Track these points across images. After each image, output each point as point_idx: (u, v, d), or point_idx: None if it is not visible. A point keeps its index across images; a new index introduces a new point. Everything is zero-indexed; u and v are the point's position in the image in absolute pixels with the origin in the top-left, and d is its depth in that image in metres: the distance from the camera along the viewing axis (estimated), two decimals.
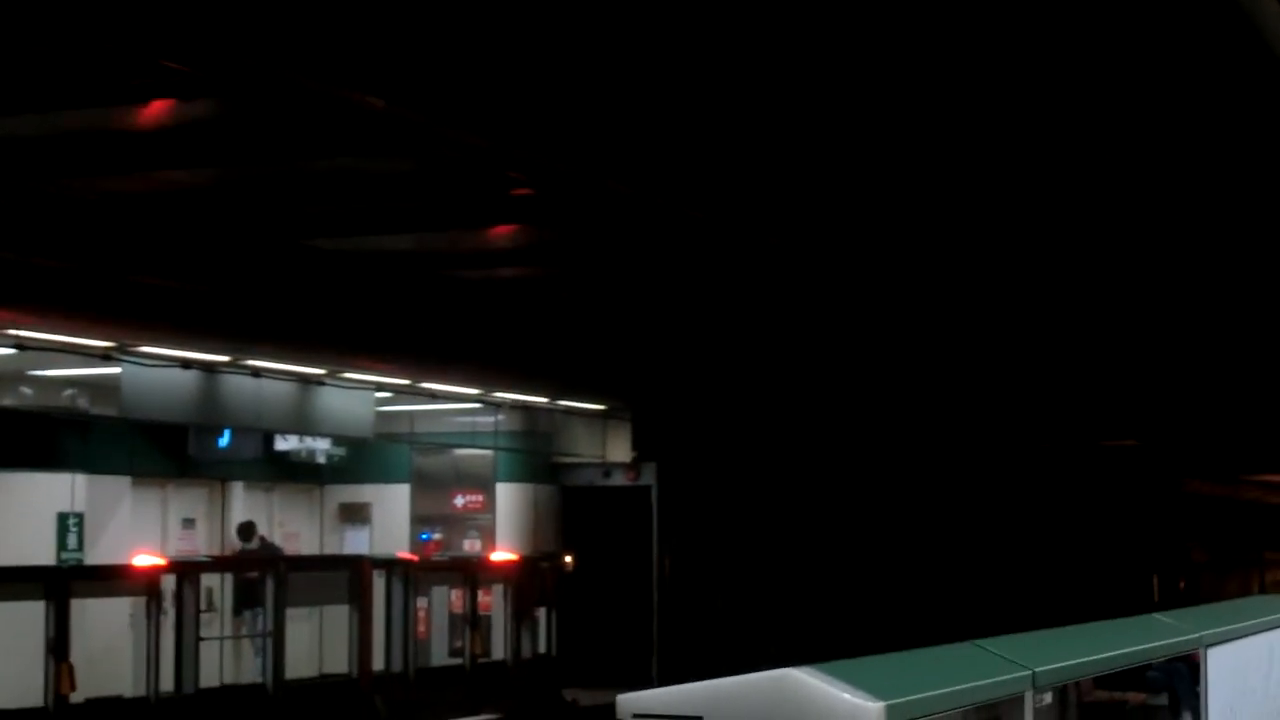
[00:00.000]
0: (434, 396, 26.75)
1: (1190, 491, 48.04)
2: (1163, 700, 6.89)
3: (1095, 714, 6.45)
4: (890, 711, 3.76)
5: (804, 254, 19.88)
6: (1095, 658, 5.47)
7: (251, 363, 22.85)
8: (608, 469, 29.90)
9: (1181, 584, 50.63)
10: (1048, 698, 4.92)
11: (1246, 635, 7.50)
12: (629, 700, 4.11)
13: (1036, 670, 4.77)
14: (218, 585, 23.38)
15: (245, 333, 20.93)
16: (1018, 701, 4.60)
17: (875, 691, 3.73)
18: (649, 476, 29.64)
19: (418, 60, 12.59)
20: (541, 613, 25.00)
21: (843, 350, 26.83)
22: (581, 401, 28.95)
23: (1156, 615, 6.68)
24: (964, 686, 4.23)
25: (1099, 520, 41.24)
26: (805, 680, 3.68)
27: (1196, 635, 6.63)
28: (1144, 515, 45.17)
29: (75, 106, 14.04)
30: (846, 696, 3.59)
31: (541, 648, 24.78)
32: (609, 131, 14.96)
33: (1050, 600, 36.82)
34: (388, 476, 28.58)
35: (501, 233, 19.85)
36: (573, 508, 29.72)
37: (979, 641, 4.82)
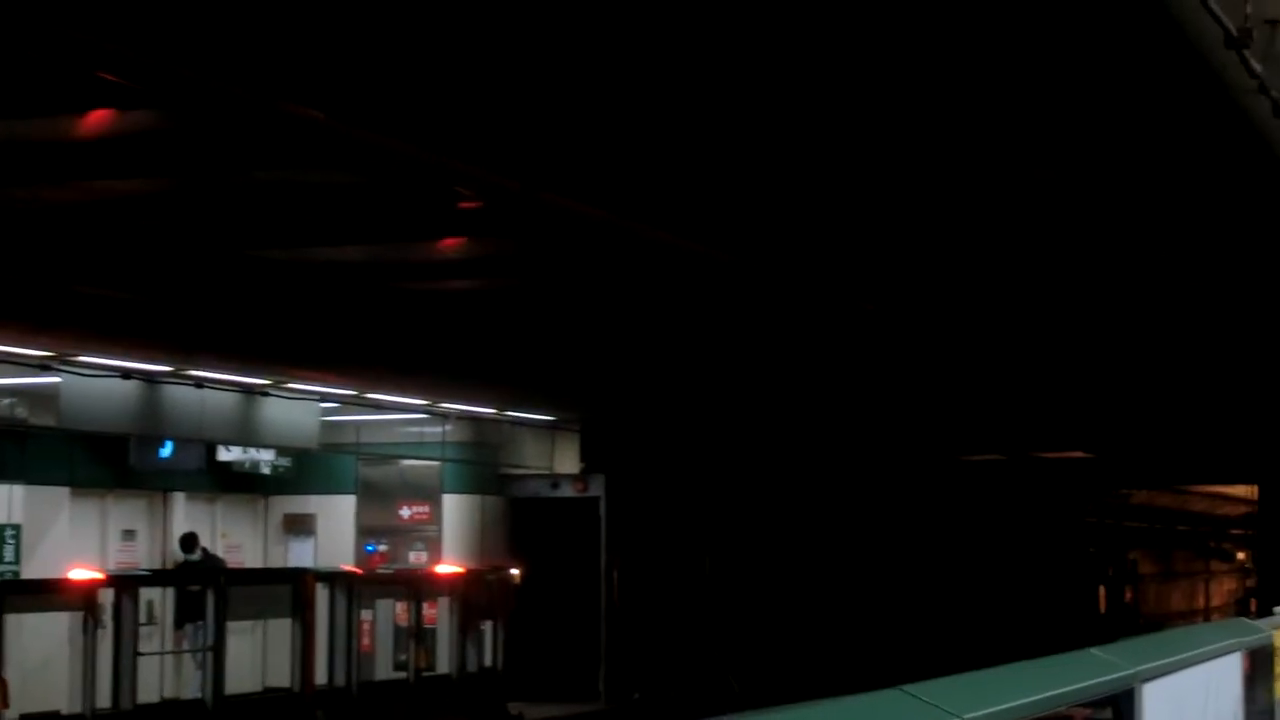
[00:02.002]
0: (380, 407, 26.61)
1: (1137, 503, 48.20)
2: (1107, 714, 6.82)
3: None
4: None
5: (754, 268, 19.83)
6: (1027, 700, 5.37)
7: (194, 373, 22.68)
8: (555, 480, 29.80)
9: (1128, 595, 50.81)
10: None
11: (1183, 668, 7.43)
12: None
13: (965, 717, 4.67)
14: (159, 598, 23.15)
15: (187, 343, 20.75)
16: None
17: None
18: (597, 488, 29.55)
19: (357, 73, 12.49)
20: (488, 625, 24.87)
21: (787, 363, 26.80)
22: (529, 413, 28.84)
23: (1091, 650, 6.59)
24: None
25: (1044, 533, 41.32)
26: None
27: (1131, 671, 6.55)
28: (1089, 527, 45.31)
29: (14, 116, 13.88)
30: None
31: (487, 661, 24.64)
32: (554, 146, 14.88)
33: (997, 614, 36.90)
34: (333, 487, 28.40)
35: (449, 245, 19.75)
36: (520, 519, 29.60)
37: (906, 687, 4.73)
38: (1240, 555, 63.19)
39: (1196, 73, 10.96)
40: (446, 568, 25.55)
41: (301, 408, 25.25)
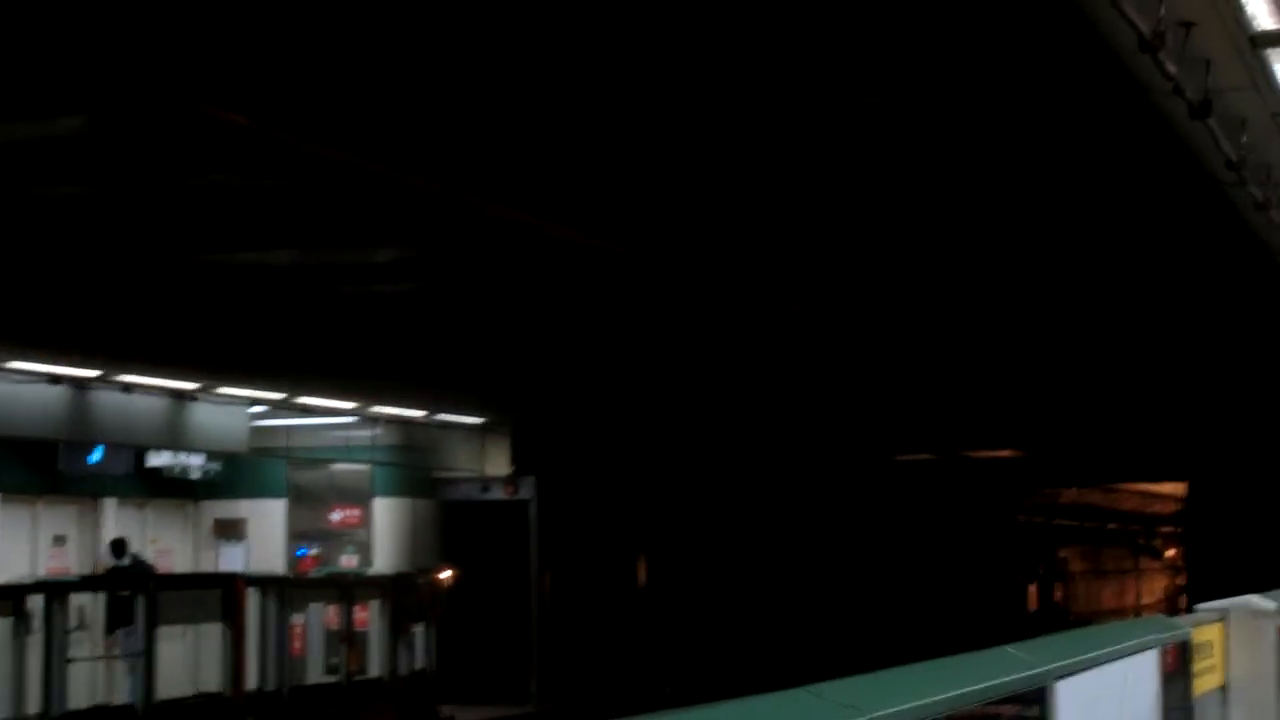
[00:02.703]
0: (310, 411, 26.53)
1: (1066, 502, 48.46)
2: (1034, 712, 6.87)
3: None
4: None
5: (682, 270, 19.89)
6: (937, 699, 5.42)
7: (123, 378, 22.57)
8: (486, 483, 29.75)
9: (1058, 593, 51.11)
10: None
11: (1098, 665, 7.50)
12: None
13: (873, 716, 4.71)
14: (89, 604, 23.00)
15: (116, 348, 20.65)
16: None
17: None
18: (527, 491, 29.52)
19: (280, 79, 12.48)
20: (419, 629, 24.81)
21: (717, 364, 26.87)
22: (459, 415, 28.81)
23: (1006, 648, 6.64)
24: None
25: (974, 531, 41.53)
26: None
27: (1045, 669, 6.61)
28: (1019, 525, 45.54)
29: None
30: None
31: (419, 664, 24.58)
32: (482, 151, 14.90)
33: (928, 613, 37.08)
34: (263, 492, 28.31)
35: (378, 249, 19.76)
36: (451, 522, 29.55)
37: (814, 687, 4.77)
38: (1170, 552, 63.59)
39: (1112, 75, 11.07)
40: (378, 571, 25.49)
41: (231, 412, 25.11)
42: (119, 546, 24.76)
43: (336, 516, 28.78)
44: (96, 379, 22.26)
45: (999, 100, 13.04)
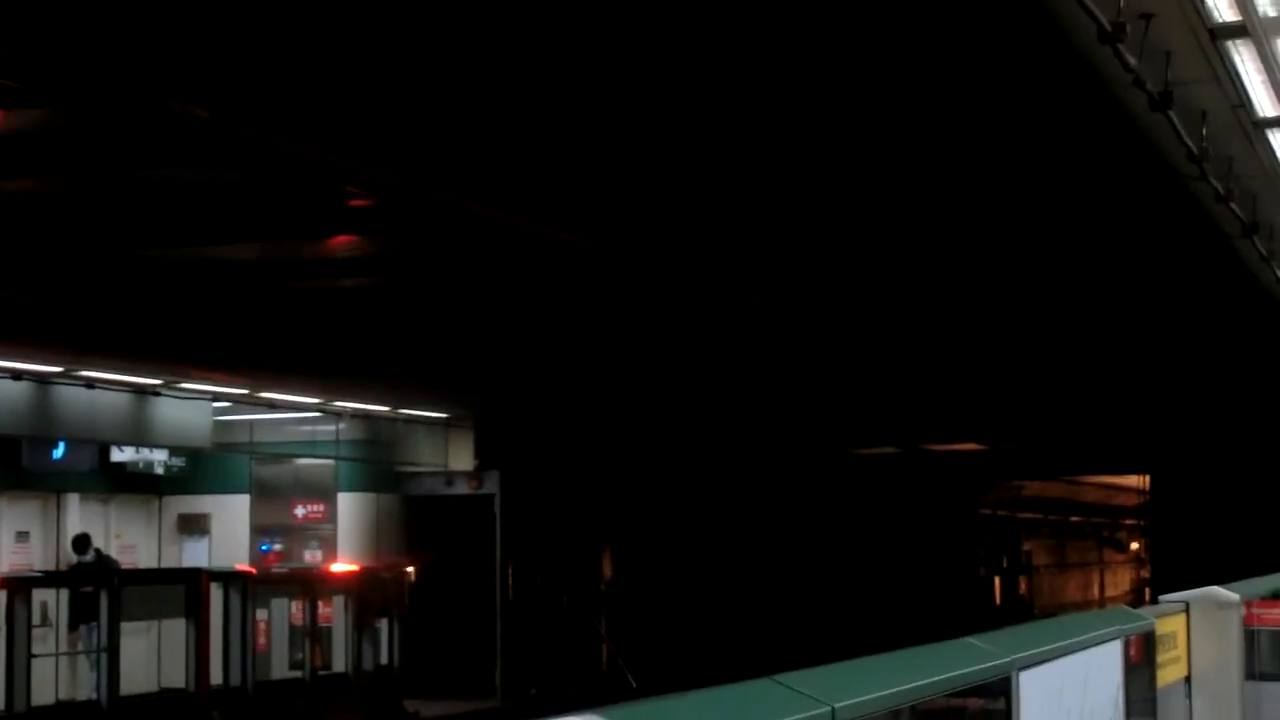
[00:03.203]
0: (274, 406, 26.48)
1: (1030, 495, 48.61)
2: (1000, 705, 6.90)
3: None
4: None
5: (645, 264, 19.89)
6: (901, 689, 5.44)
7: (86, 374, 22.49)
8: (450, 477, 29.73)
9: (1022, 586, 51.29)
10: None
11: (1060, 656, 7.53)
12: None
13: (836, 706, 4.73)
14: (53, 600, 22.95)
15: (79, 344, 20.58)
16: None
17: None
18: (492, 485, 29.51)
19: (241, 72, 12.44)
20: (384, 623, 24.78)
21: (679, 357, 26.88)
22: (423, 410, 28.78)
23: (968, 639, 6.67)
24: None
25: (937, 525, 41.65)
26: None
27: (1008, 659, 6.64)
28: (982, 519, 45.68)
29: None
30: None
31: (384, 659, 24.55)
32: (443, 143, 14.87)
33: (892, 606, 37.18)
34: (227, 487, 28.25)
35: (340, 243, 19.71)
36: (415, 517, 29.52)
37: (779, 677, 4.78)
38: (1135, 545, 63.85)
39: (1072, 67, 11.10)
40: (342, 566, 25.45)
41: (194, 407, 25.04)
42: (82, 542, 24.69)
43: (300, 512, 28.74)
44: (59, 375, 22.19)
45: (958, 92, 13.06)
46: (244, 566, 24.10)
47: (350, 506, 28.58)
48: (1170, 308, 23.26)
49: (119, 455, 26.14)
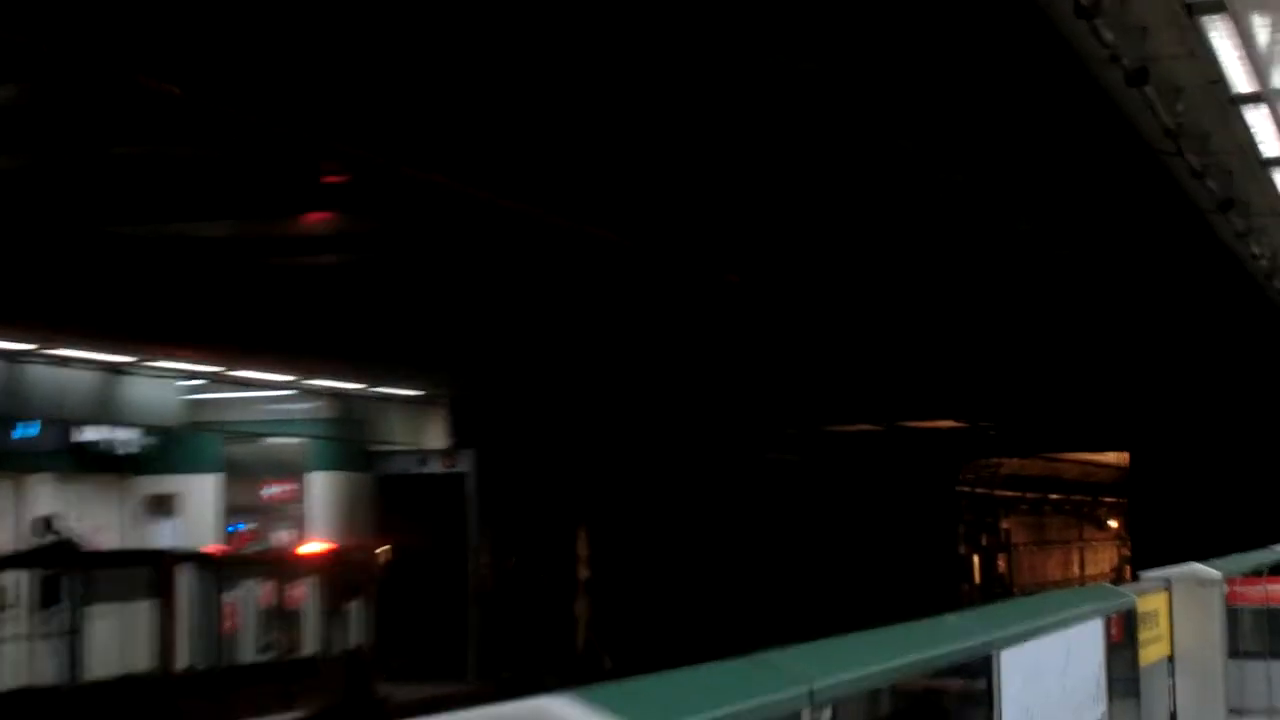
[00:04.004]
0: (245, 384, 26.46)
1: (1008, 472, 48.70)
2: (981, 685, 6.95)
3: (912, 701, 6.50)
4: None
5: (622, 241, 19.93)
6: (880, 668, 5.49)
7: (54, 352, 22.46)
8: (423, 456, 29.73)
9: (1001, 564, 51.44)
10: (828, 713, 4.92)
11: (1041, 634, 7.58)
12: None
13: (815, 686, 4.76)
14: (16, 582, 22.87)
15: (48, 321, 20.55)
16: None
17: None
18: (466, 464, 29.52)
19: (213, 49, 12.44)
20: (354, 606, 24.79)
21: (656, 334, 26.91)
22: (397, 387, 28.77)
23: (947, 617, 6.72)
24: (735, 709, 4.23)
25: (914, 503, 41.72)
26: (564, 712, 3.64)
27: (988, 638, 6.68)
28: (960, 496, 45.76)
29: None
30: None
31: (355, 642, 24.57)
32: (417, 119, 14.88)
33: (867, 585, 37.28)
34: (197, 466, 28.22)
35: (315, 219, 19.71)
36: (388, 496, 29.53)
37: (756, 656, 4.82)
38: (1113, 523, 64.01)
39: (1048, 42, 11.14)
40: (313, 547, 25.46)
41: (163, 385, 25.00)
42: (44, 523, 24.65)
43: (271, 491, 28.74)
44: (28, 353, 22.15)
45: (935, 68, 13.10)
46: (213, 548, 24.12)
47: (322, 486, 28.58)
48: (1148, 284, 23.35)
49: (85, 434, 26.10)
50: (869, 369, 30.36)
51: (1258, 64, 12.07)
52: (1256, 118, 13.54)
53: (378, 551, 25.82)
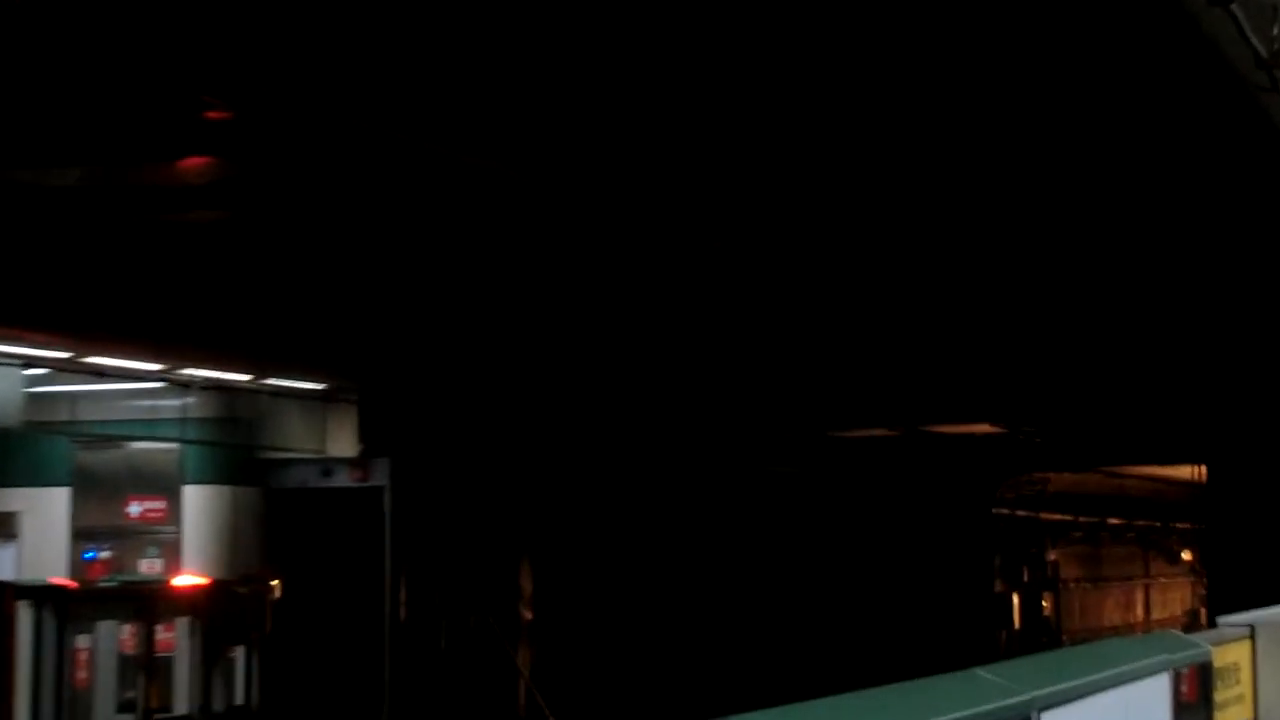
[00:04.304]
0: (103, 375, 26.41)
1: (1057, 490, 48.72)
2: None
3: None
4: None
5: (572, 193, 19.98)
6: None
7: None
8: (328, 466, 29.71)
9: (1047, 605, 51.58)
10: None
11: (1092, 693, 7.65)
12: None
13: None
14: None
15: None
16: None
17: None
18: (381, 476, 29.51)
19: None
20: (240, 652, 24.81)
21: (619, 316, 26.95)
22: (294, 380, 28.75)
23: (978, 671, 6.79)
24: None
25: (940, 527, 41.81)
26: None
27: (1027, 696, 6.75)
28: (999, 521, 45.81)
29: None
30: None
31: (239, 697, 24.60)
32: (325, 41, 14.90)
33: (885, 632, 37.40)
34: (40, 478, 28.16)
35: (191, 166, 19.69)
36: (283, 516, 29.50)
37: (744, 718, 4.89)
38: (1187, 555, 64.22)
39: None
40: (188, 579, 25.45)
41: None
42: None
43: (135, 509, 28.69)
44: None
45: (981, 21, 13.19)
46: (62, 580, 24.07)
47: (199, 503, 28.53)
48: (1234, 258, 23.42)
49: None
50: (884, 360, 30.38)
51: None
52: None
53: (269, 585, 25.82)
